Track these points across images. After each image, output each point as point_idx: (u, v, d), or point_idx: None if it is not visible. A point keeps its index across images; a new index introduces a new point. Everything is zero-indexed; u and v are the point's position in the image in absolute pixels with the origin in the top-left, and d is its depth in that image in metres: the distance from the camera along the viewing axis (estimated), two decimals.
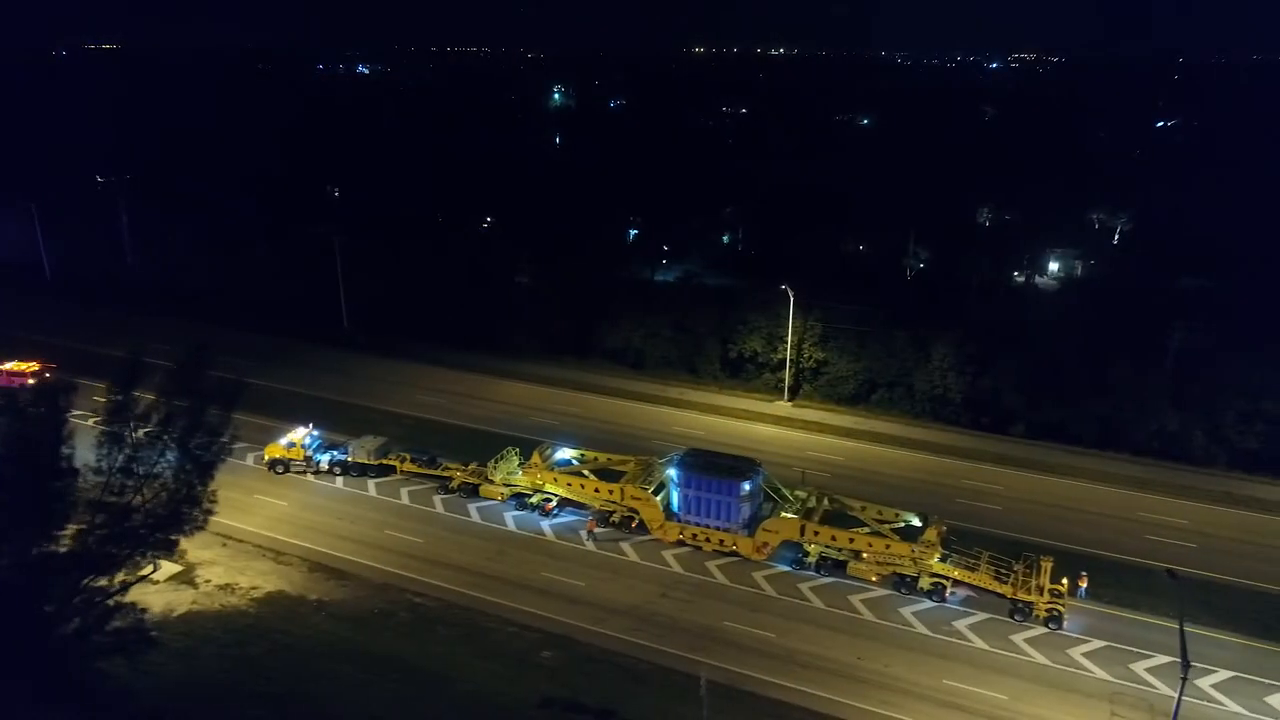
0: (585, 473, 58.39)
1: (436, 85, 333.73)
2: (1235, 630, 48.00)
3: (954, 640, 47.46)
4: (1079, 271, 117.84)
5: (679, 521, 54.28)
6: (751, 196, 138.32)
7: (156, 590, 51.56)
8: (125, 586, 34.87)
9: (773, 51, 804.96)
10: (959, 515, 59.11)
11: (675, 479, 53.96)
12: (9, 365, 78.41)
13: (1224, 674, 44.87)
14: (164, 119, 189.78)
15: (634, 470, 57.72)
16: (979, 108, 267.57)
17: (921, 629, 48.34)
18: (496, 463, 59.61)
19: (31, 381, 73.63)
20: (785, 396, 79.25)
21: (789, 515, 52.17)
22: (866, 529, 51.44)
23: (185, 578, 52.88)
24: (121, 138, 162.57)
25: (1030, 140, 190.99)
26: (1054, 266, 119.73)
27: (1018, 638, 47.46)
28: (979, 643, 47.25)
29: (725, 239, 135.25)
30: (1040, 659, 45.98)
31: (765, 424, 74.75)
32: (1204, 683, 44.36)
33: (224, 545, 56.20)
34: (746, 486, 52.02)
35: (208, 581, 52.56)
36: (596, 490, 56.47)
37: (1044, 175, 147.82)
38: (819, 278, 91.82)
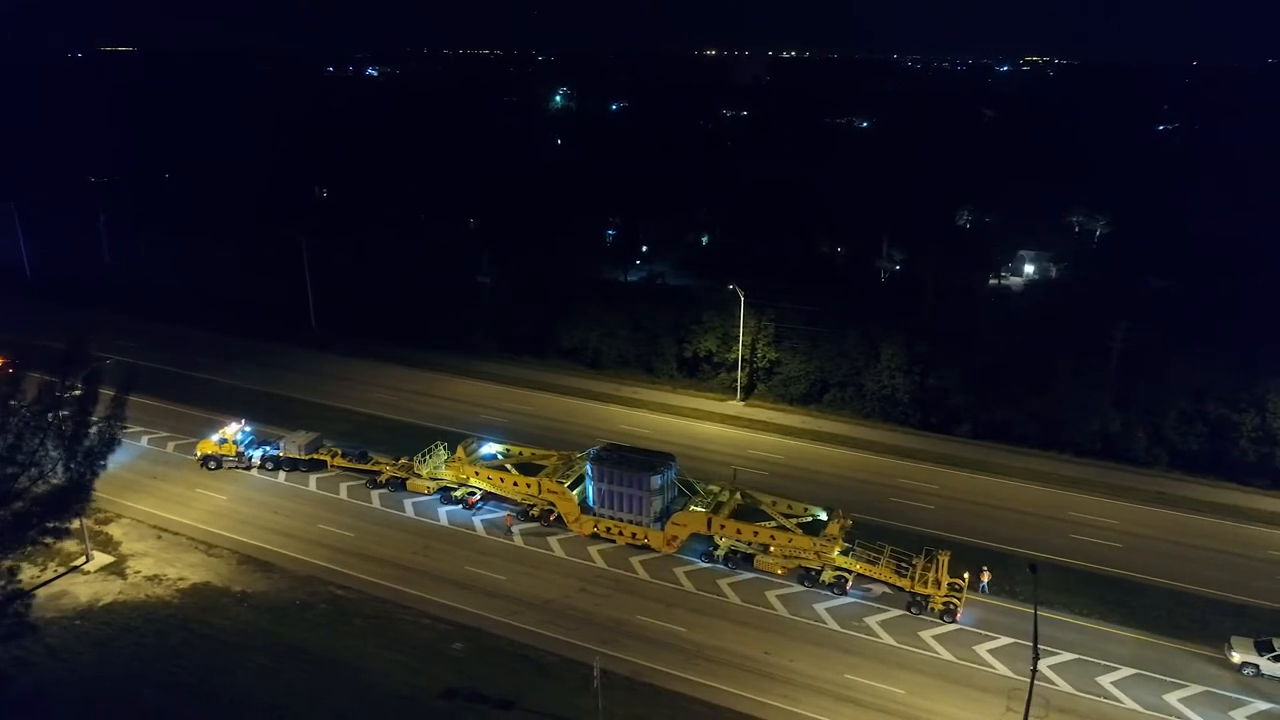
0: (508, 467, 59.13)
1: (439, 87, 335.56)
2: (1144, 629, 48.14)
3: (862, 636, 47.80)
4: (1053, 273, 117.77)
5: (594, 515, 54.90)
6: (731, 198, 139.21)
7: (85, 580, 52.84)
8: (11, 573, 35.57)
9: (784, 54, 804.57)
10: (889, 513, 59.65)
11: (589, 473, 54.61)
12: None
13: (1126, 671, 45.00)
14: (158, 122, 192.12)
15: (554, 464, 58.43)
16: (979, 110, 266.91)
17: (832, 625, 48.70)
18: (424, 457, 60.48)
19: None
20: (738, 396, 79.69)
21: (696, 509, 52.70)
22: (772, 523, 51.82)
23: (116, 569, 53.91)
24: (109, 140, 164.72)
25: (1021, 143, 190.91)
26: (1029, 269, 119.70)
27: (926, 634, 47.74)
28: (887, 638, 47.57)
29: (704, 240, 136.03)
30: (945, 655, 46.25)
31: (713, 423, 75.22)
32: (1105, 679, 44.56)
33: (158, 538, 57.28)
34: (656, 480, 52.58)
35: (137, 573, 53.53)
36: (515, 484, 57.18)
37: (1029, 177, 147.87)
38: (786, 278, 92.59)
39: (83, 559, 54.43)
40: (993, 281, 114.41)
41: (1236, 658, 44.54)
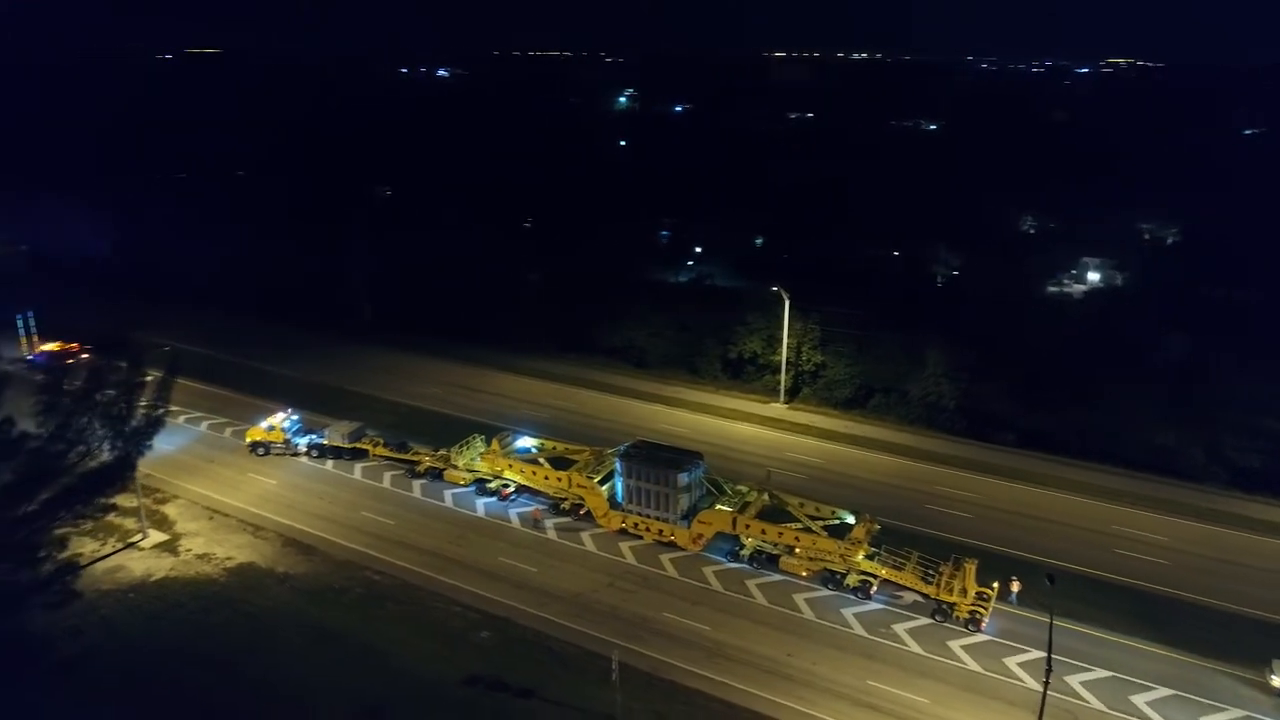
0: (540, 460, 60.04)
1: (505, 87, 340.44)
2: (1184, 649, 46.55)
3: (888, 643, 47.29)
4: (1118, 281, 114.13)
5: (621, 511, 55.39)
6: (788, 200, 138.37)
7: (140, 556, 55.40)
8: (63, 542, 37.58)
9: (853, 56, 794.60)
10: (925, 520, 58.84)
11: (618, 469, 55.14)
12: (51, 345, 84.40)
13: (1162, 691, 43.64)
14: (236, 122, 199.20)
15: (586, 460, 59.13)
16: (1050, 113, 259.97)
17: (858, 630, 48.29)
18: (461, 449, 61.78)
19: (69, 361, 79.42)
20: (781, 399, 79.31)
21: (722, 508, 52.75)
22: (797, 524, 51.56)
23: (169, 547, 56.43)
24: (191, 139, 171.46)
25: (1093, 146, 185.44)
26: (1093, 276, 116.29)
27: (955, 644, 47.01)
28: (914, 647, 46.98)
29: (758, 242, 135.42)
30: (973, 666, 45.48)
31: (753, 424, 75.05)
32: (1139, 699, 43.30)
33: (210, 518, 59.75)
34: (683, 478, 52.82)
35: (188, 551, 55.95)
36: (547, 478, 58.05)
37: (1099, 182, 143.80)
38: (837, 281, 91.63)
39: (139, 536, 57.11)
40: (1053, 289, 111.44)
41: (1277, 682, 42.85)
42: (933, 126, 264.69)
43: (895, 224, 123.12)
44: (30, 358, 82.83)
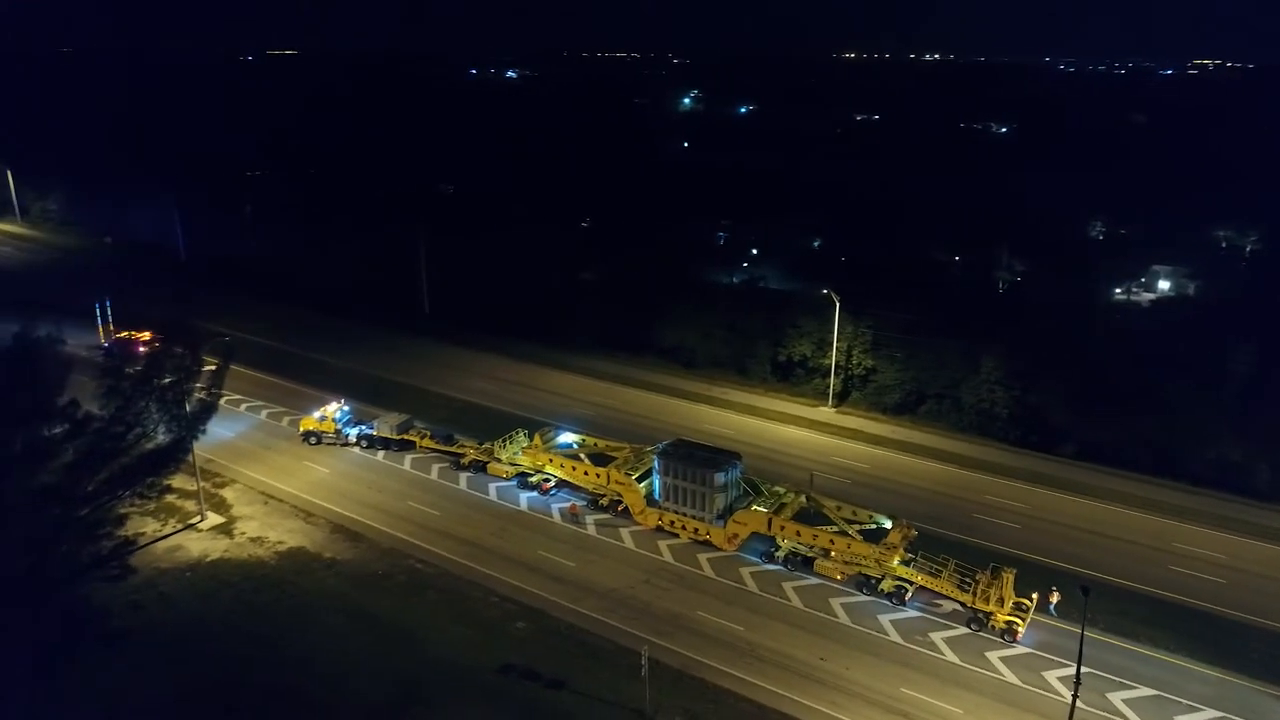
0: (581, 456, 60.68)
1: (572, 88, 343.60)
2: (1236, 670, 44.88)
3: (925, 651, 46.61)
4: (1190, 290, 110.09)
5: (658, 508, 55.64)
6: (848, 202, 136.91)
7: (198, 537, 57.70)
8: (122, 519, 39.44)
9: (926, 57, 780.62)
10: (970, 529, 57.83)
11: (656, 467, 55.40)
12: (126, 333, 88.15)
13: (1208, 713, 42.15)
14: (309, 121, 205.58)
15: (625, 456, 59.56)
16: (1128, 116, 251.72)
17: (894, 637, 47.71)
18: (504, 443, 62.80)
19: (143, 349, 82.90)
20: (830, 402, 78.59)
21: (758, 509, 52.56)
22: (833, 528, 51.10)
23: (225, 529, 58.64)
24: (262, 137, 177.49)
25: (1171, 151, 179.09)
26: (1164, 285, 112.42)
27: (993, 654, 46.11)
28: (950, 656, 46.23)
29: (815, 244, 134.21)
30: (1010, 678, 44.55)
31: (800, 428, 74.53)
32: None
33: (265, 503, 61.89)
34: (720, 478, 52.83)
35: (243, 534, 58.06)
36: (586, 473, 58.65)
37: (1175, 187, 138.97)
38: (894, 285, 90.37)
39: (198, 518, 59.50)
40: (1121, 296, 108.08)
41: None
42: (1004, 130, 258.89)
43: (959, 228, 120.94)
44: (105, 345, 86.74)
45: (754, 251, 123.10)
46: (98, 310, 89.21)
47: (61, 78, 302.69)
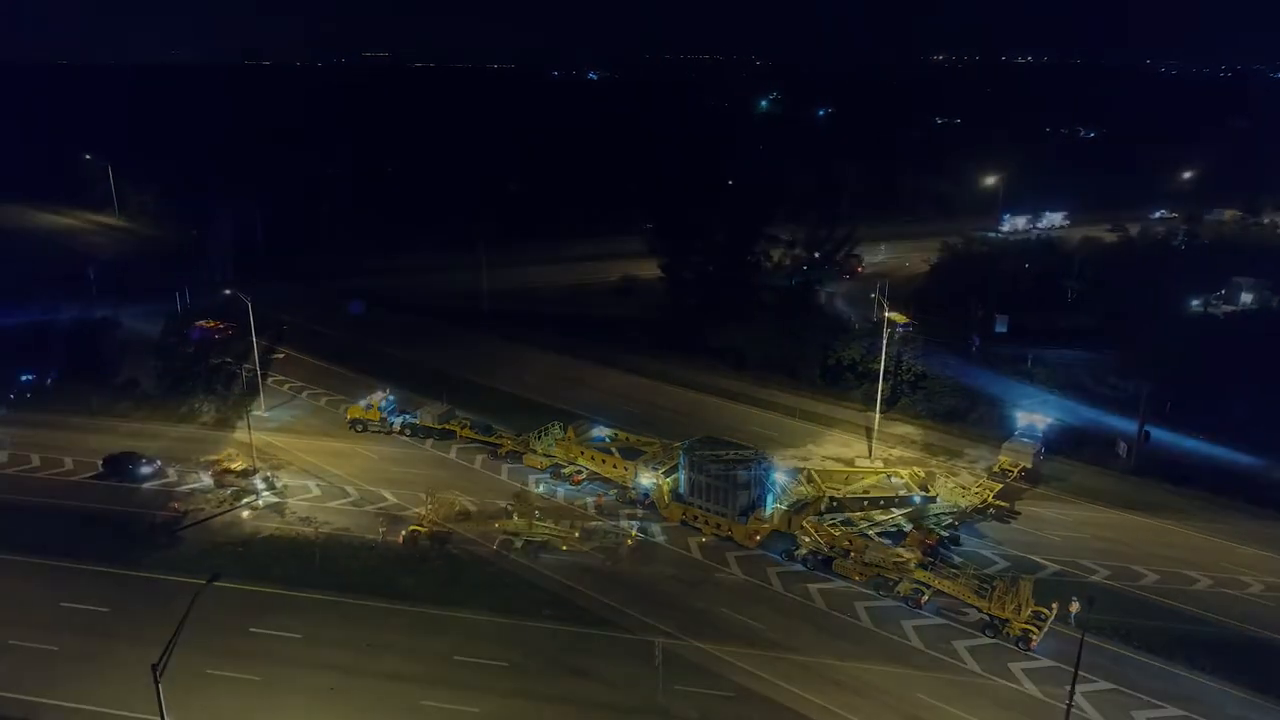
0: (612, 449, 61.74)
1: (653, 90, 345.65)
2: (1272, 696, 43.24)
3: (946, 659, 46.20)
4: (1275, 304, 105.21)
5: (682, 503, 56.27)
6: (917, 206, 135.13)
7: (253, 515, 60.68)
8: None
9: (1018, 59, 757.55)
10: (1007, 539, 56.77)
11: (681, 462, 56.03)
12: (204, 323, 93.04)
13: None
14: (387, 123, 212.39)
15: (654, 451, 60.39)
16: (1223, 119, 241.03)
17: (915, 643, 47.40)
18: (540, 435, 64.32)
19: (216, 337, 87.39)
20: (878, 408, 77.76)
21: (780, 507, 52.67)
22: (854, 529, 50.92)
23: (278, 508, 61.52)
24: (340, 139, 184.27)
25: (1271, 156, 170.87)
26: (1246, 297, 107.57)
27: (1015, 665, 45.44)
28: (972, 665, 45.72)
29: (881, 249, 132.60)
30: (1031, 690, 43.88)
31: (844, 432, 74.15)
32: None
33: (318, 486, 64.70)
34: (743, 475, 53.14)
35: (293, 513, 60.83)
36: (615, 466, 59.64)
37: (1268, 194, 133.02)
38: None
39: (254, 497, 62.62)
40: (1198, 308, 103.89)
41: None
42: (1090, 134, 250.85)
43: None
44: (186, 333, 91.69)
45: (815, 255, 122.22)
46: (176, 298, 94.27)
47: (165, 86, 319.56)
